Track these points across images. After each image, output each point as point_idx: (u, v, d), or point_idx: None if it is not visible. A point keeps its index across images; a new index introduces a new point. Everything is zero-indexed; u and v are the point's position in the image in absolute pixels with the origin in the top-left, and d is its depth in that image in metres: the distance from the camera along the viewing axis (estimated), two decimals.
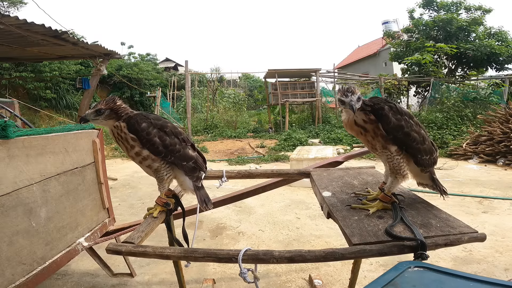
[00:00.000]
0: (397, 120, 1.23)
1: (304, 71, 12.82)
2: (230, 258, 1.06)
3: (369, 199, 1.42)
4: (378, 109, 1.23)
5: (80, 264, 2.58)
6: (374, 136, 1.26)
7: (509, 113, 6.85)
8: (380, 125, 1.23)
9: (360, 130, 1.28)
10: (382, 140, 1.25)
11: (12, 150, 1.37)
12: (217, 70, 23.44)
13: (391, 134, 1.23)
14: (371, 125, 1.25)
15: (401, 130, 1.23)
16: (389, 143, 1.25)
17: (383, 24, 24.31)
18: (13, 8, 13.35)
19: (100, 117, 1.29)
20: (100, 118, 1.29)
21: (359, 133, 1.29)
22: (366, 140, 1.30)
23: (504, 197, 4.17)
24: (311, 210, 3.88)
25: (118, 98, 1.34)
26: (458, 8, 14.34)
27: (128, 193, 4.92)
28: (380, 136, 1.25)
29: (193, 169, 1.41)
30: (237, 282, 2.30)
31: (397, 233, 1.09)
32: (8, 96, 9.59)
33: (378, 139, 1.26)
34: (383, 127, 1.23)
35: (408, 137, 1.25)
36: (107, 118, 1.30)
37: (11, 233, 1.33)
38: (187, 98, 11.13)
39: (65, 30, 5.62)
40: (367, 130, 1.26)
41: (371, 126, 1.25)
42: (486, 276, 2.29)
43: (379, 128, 1.24)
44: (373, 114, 1.24)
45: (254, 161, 7.42)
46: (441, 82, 12.28)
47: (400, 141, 1.25)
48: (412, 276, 0.80)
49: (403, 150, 1.28)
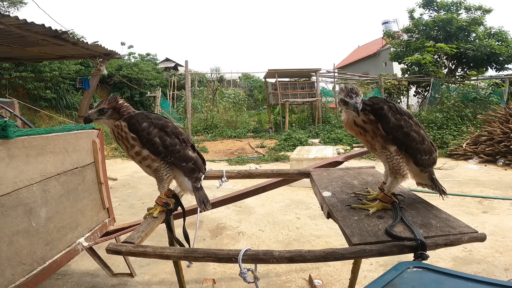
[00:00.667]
0: (397, 120, 1.23)
1: (304, 71, 12.82)
2: (230, 258, 1.06)
3: (369, 199, 1.42)
4: (378, 109, 1.23)
5: (80, 264, 2.58)
6: (373, 136, 1.26)
7: (509, 113, 6.86)
8: (379, 125, 1.23)
9: (360, 130, 1.27)
10: (381, 140, 1.25)
11: (12, 150, 1.37)
12: (217, 70, 23.46)
13: (390, 134, 1.23)
14: (371, 125, 1.25)
15: (400, 130, 1.23)
16: (389, 143, 1.25)
17: (383, 24, 24.33)
18: (13, 8, 13.37)
19: (103, 116, 1.29)
20: (103, 117, 1.29)
21: (359, 133, 1.29)
22: (366, 140, 1.30)
23: (504, 197, 4.17)
24: (311, 210, 3.89)
25: (120, 97, 1.34)
26: (458, 8, 14.34)
27: (128, 193, 4.92)
28: (380, 136, 1.24)
29: (193, 170, 1.41)
30: (237, 282, 2.30)
31: (397, 233, 1.09)
32: (8, 96, 9.60)
33: (378, 139, 1.26)
34: (382, 127, 1.23)
35: (408, 137, 1.25)
36: (110, 117, 1.30)
37: (11, 233, 1.32)
38: (187, 98, 11.13)
39: (65, 30, 5.63)
40: (367, 130, 1.26)
41: (370, 126, 1.25)
42: (486, 276, 2.29)
43: (378, 128, 1.24)
44: (372, 114, 1.24)
45: (254, 161, 7.42)
46: (441, 82, 12.28)
47: (400, 141, 1.25)
48: (411, 276, 0.80)
49: (402, 150, 1.28)
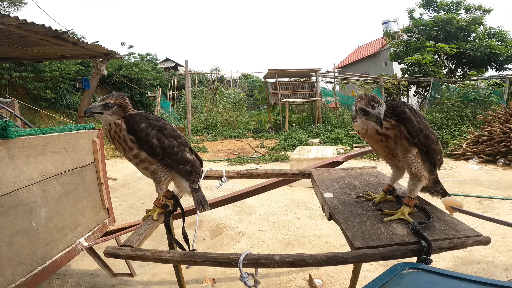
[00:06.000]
0: (418, 122, 1.18)
1: (304, 71, 12.82)
2: (230, 262, 1.04)
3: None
4: (400, 112, 1.17)
5: (80, 264, 2.58)
6: (396, 141, 1.19)
7: (509, 113, 6.85)
8: (403, 128, 1.17)
9: (381, 138, 1.20)
10: (406, 144, 1.19)
11: (12, 150, 1.37)
12: (217, 70, 23.45)
13: (415, 138, 1.18)
14: (393, 130, 1.17)
15: (422, 132, 1.19)
16: (412, 147, 1.20)
17: (383, 24, 24.28)
18: (13, 8, 13.36)
19: (107, 112, 1.23)
20: (106, 112, 1.23)
21: (379, 141, 1.22)
22: (385, 147, 1.23)
23: (504, 197, 4.17)
24: (311, 210, 3.88)
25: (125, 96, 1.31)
26: (458, 8, 14.34)
27: (128, 193, 4.92)
28: (404, 139, 1.19)
29: (190, 173, 1.39)
30: (237, 281, 2.30)
31: (402, 236, 1.08)
32: (8, 96, 9.58)
33: (402, 143, 1.20)
34: (407, 130, 1.17)
35: (428, 139, 1.21)
36: (113, 113, 1.25)
37: (11, 233, 1.32)
38: (187, 98, 11.13)
39: (65, 30, 5.62)
40: (389, 136, 1.19)
41: (393, 132, 1.18)
42: (486, 276, 2.29)
43: (401, 132, 1.18)
44: (394, 118, 1.17)
45: (254, 161, 7.42)
46: (441, 82, 12.28)
47: (422, 144, 1.20)
48: (406, 278, 0.80)
49: (423, 152, 1.24)
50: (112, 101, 1.24)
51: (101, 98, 1.26)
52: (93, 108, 1.24)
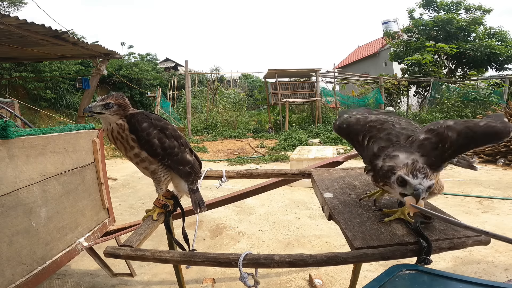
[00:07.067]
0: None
1: (304, 71, 12.83)
2: (230, 262, 1.04)
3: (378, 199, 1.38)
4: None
5: (80, 264, 2.58)
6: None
7: (509, 113, 6.85)
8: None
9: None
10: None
11: (12, 150, 1.37)
12: (217, 70, 23.48)
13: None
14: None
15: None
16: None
17: (383, 24, 24.28)
18: (13, 8, 13.37)
19: (107, 111, 1.23)
20: (106, 112, 1.23)
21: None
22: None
23: (504, 197, 4.17)
24: (311, 210, 3.88)
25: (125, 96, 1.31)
26: (458, 8, 14.36)
27: (128, 193, 4.92)
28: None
29: (189, 174, 1.39)
30: (237, 281, 2.30)
31: (401, 236, 1.08)
32: (8, 96, 9.59)
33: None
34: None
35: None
36: (113, 113, 1.24)
37: (11, 233, 1.32)
38: (187, 98, 11.14)
39: (65, 30, 5.62)
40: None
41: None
42: (486, 276, 2.29)
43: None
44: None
45: (254, 161, 7.42)
46: (441, 82, 12.29)
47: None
48: (403, 280, 0.80)
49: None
50: (112, 101, 1.24)
51: (101, 98, 1.26)
52: (92, 107, 1.23)
